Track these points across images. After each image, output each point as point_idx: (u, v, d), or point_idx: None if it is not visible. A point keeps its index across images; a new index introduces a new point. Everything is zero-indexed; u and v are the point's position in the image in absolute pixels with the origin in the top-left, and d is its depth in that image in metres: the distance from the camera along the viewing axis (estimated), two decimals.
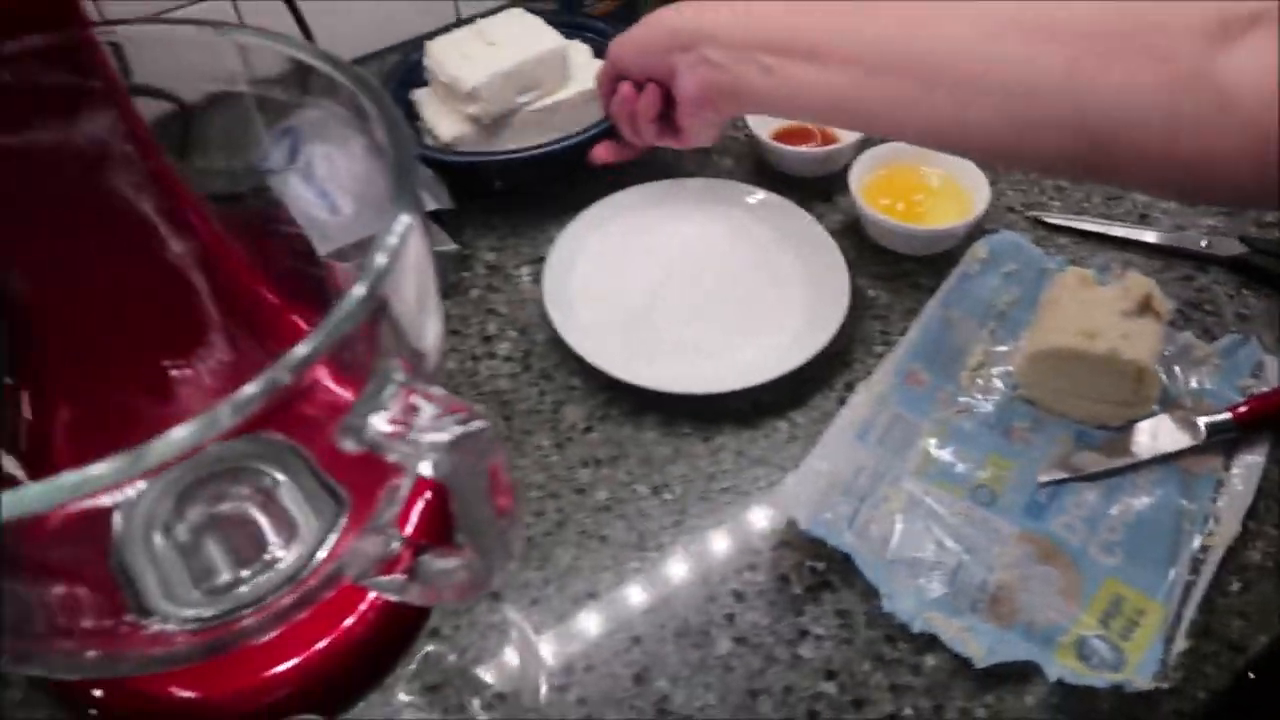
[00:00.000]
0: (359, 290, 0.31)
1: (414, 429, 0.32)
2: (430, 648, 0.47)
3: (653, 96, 0.54)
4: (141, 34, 0.44)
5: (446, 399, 0.32)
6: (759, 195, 0.65)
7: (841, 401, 0.56)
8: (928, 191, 0.64)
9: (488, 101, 0.65)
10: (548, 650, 0.47)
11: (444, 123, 0.67)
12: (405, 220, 0.33)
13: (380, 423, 0.32)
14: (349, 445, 0.32)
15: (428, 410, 0.32)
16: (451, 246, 0.63)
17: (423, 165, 0.69)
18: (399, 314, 0.34)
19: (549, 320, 0.58)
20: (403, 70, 0.72)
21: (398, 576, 0.40)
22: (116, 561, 0.45)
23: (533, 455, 0.54)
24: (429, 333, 0.37)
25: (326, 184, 0.60)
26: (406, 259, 0.33)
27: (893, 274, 0.63)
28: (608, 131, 0.61)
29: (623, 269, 0.63)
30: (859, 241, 0.64)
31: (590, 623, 0.48)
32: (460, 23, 0.76)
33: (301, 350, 0.29)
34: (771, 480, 0.53)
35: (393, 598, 0.44)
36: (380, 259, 0.32)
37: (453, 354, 0.59)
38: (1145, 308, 0.53)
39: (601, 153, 0.60)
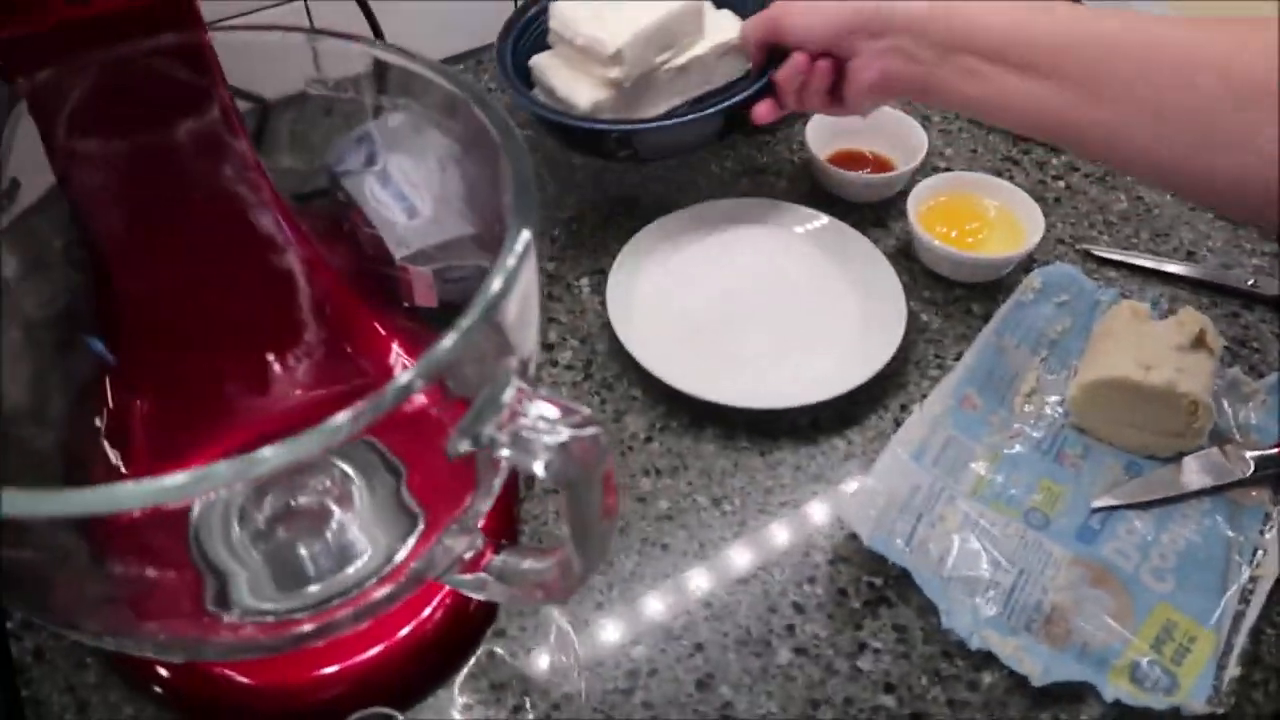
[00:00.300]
0: (479, 307, 0.32)
1: (530, 431, 0.33)
2: (494, 648, 0.48)
3: (827, 71, 0.53)
4: (241, 39, 0.45)
5: (561, 402, 0.34)
6: (821, 220, 0.66)
7: (896, 422, 0.57)
8: (983, 221, 0.66)
9: (630, 64, 0.61)
10: (612, 654, 0.48)
11: (581, 89, 0.63)
12: (525, 237, 0.35)
13: (496, 426, 0.33)
14: (464, 446, 0.34)
15: (544, 413, 0.33)
16: (486, 262, 0.64)
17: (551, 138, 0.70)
18: (509, 324, 0.35)
19: (610, 331, 0.60)
20: (515, 32, 0.69)
21: (482, 575, 0.41)
22: (195, 547, 0.46)
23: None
24: (532, 338, 0.39)
25: (404, 188, 0.61)
26: (522, 275, 0.34)
27: (945, 299, 0.64)
28: (761, 91, 0.61)
29: (684, 284, 0.64)
30: (911, 266, 0.66)
31: (653, 629, 0.49)
32: None
33: (423, 366, 0.30)
34: (829, 496, 0.54)
35: (478, 596, 0.45)
36: (497, 283, 0.33)
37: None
38: (1199, 343, 0.54)
39: (764, 112, 0.60)
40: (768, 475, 0.55)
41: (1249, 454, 0.54)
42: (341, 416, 0.29)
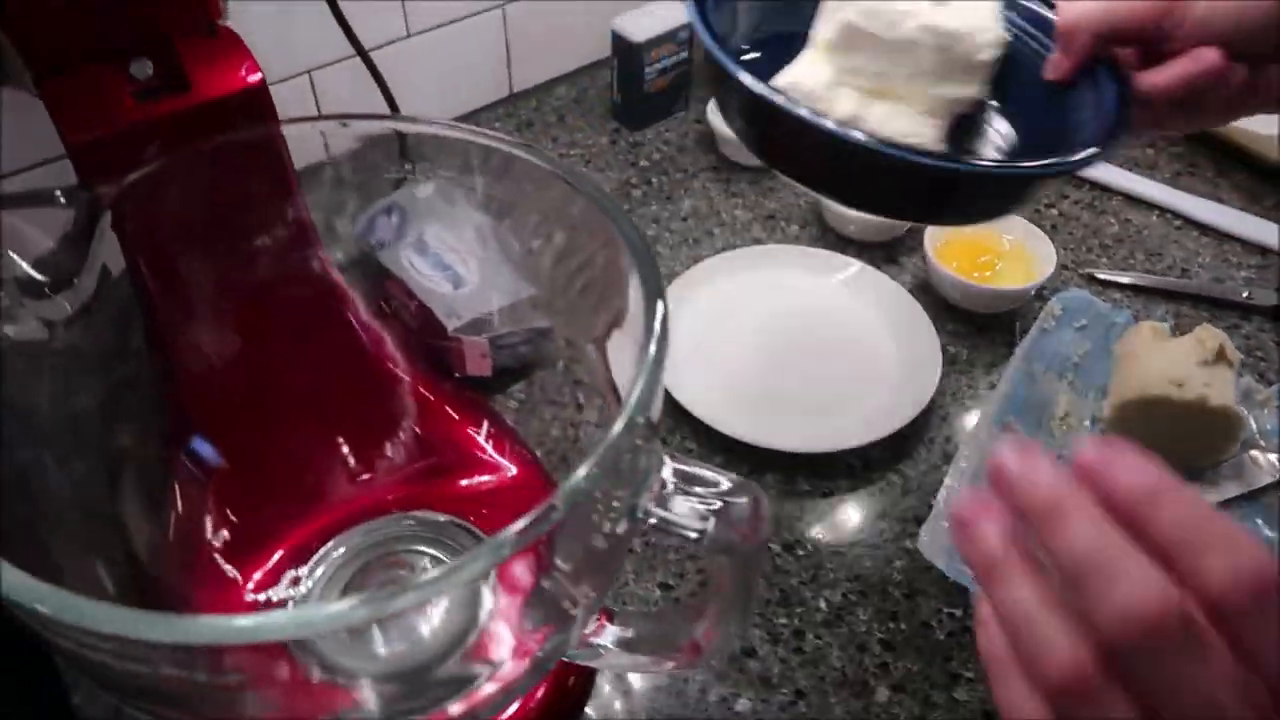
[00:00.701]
0: (636, 403, 0.32)
1: (686, 501, 0.33)
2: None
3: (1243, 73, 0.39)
4: (321, 128, 0.45)
5: (712, 470, 0.34)
6: (848, 262, 0.69)
7: (944, 454, 0.59)
8: (994, 253, 0.69)
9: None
10: (717, 710, 0.48)
11: (900, 119, 0.42)
12: (661, 310, 0.35)
13: (651, 500, 0.34)
14: (622, 526, 0.34)
15: (698, 482, 0.34)
16: (543, 323, 0.64)
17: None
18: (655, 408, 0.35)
19: None
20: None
21: (601, 647, 0.41)
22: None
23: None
24: (659, 403, 0.39)
25: (445, 256, 0.61)
26: (665, 346, 0.35)
27: (967, 331, 0.67)
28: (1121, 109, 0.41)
29: (722, 333, 0.65)
30: (930, 301, 0.68)
31: (752, 681, 0.49)
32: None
33: (593, 465, 0.30)
34: (895, 533, 0.55)
35: (595, 665, 0.44)
36: (643, 383, 0.33)
37: (556, 421, 0.61)
38: (1220, 357, 0.58)
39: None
40: (833, 516, 0.56)
41: (1274, 457, 0.57)
42: (510, 531, 0.29)
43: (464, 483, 0.53)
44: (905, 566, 0.54)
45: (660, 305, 0.36)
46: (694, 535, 0.34)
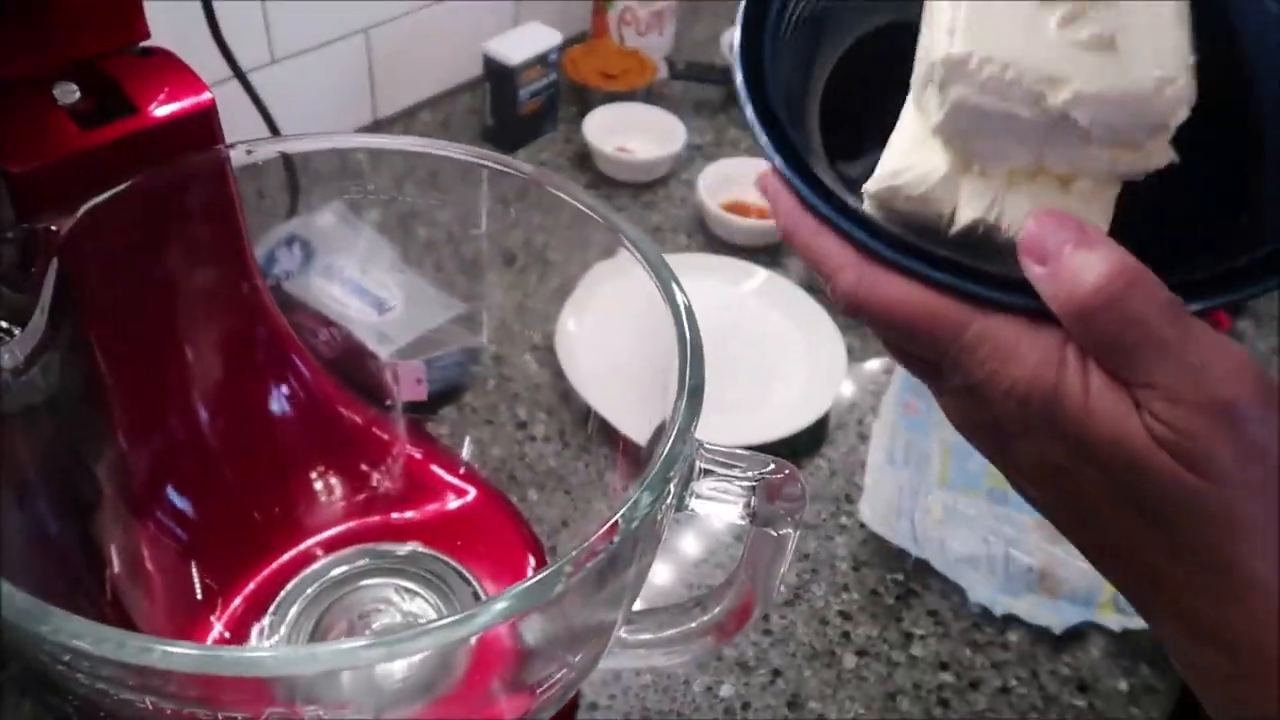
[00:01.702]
0: (686, 408, 0.34)
1: (725, 483, 0.35)
2: None
3: None
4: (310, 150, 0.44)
5: (743, 454, 0.36)
6: (758, 272, 0.72)
7: (860, 436, 0.64)
8: None
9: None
10: (703, 698, 0.50)
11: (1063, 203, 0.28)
12: (684, 300, 0.37)
13: (692, 491, 0.35)
14: (666, 525, 0.35)
15: (733, 466, 0.35)
16: (481, 340, 0.64)
17: None
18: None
19: (572, 399, 0.61)
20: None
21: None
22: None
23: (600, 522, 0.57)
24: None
25: (362, 282, 0.59)
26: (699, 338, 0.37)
27: (857, 323, 0.72)
28: None
29: (631, 340, 0.67)
30: (821, 298, 0.73)
31: (730, 666, 0.51)
32: None
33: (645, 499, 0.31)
34: (830, 512, 0.59)
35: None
36: (693, 375, 0.35)
37: (498, 441, 0.61)
38: None
39: None
40: None
41: None
42: (568, 561, 0.29)
43: (420, 511, 0.52)
44: (846, 541, 0.58)
45: (681, 297, 0.37)
46: (738, 519, 0.35)
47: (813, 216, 0.28)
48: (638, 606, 0.41)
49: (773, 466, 0.35)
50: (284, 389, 0.48)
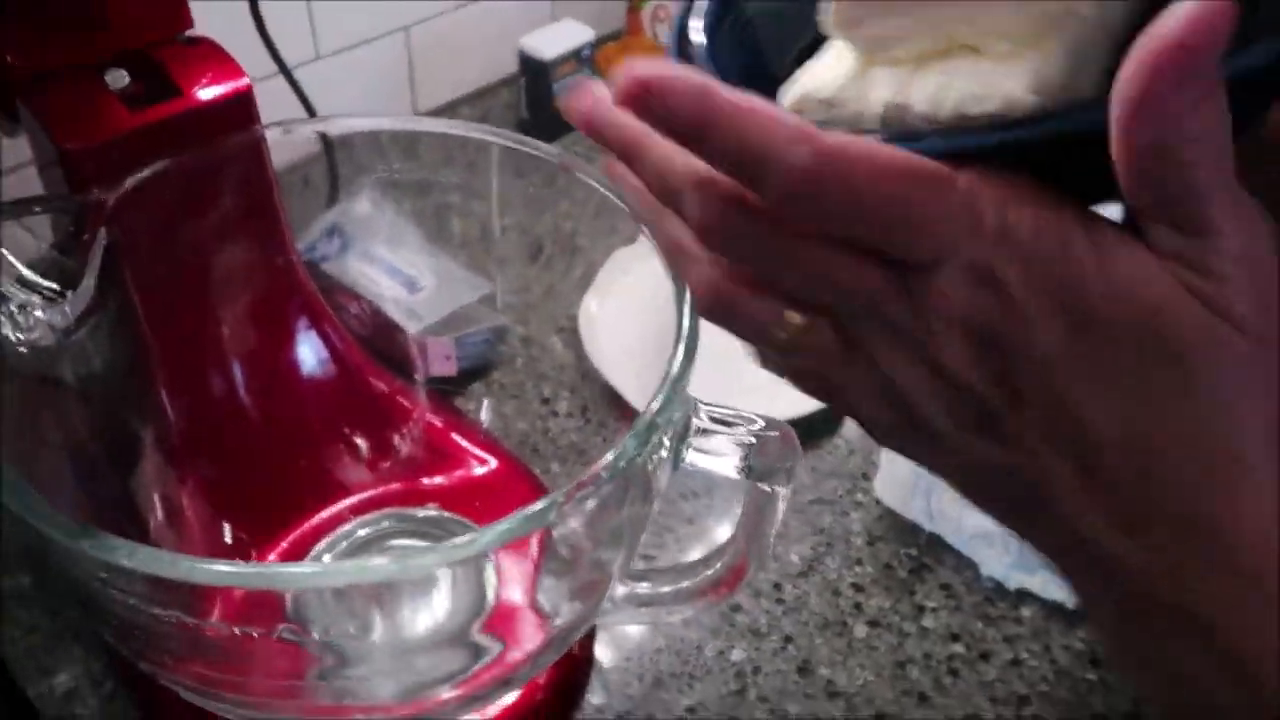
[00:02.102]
0: (681, 361, 0.36)
1: (721, 440, 0.37)
2: (605, 682, 0.50)
3: None
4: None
5: (738, 413, 0.38)
6: None
7: None
8: None
9: None
10: (715, 662, 0.51)
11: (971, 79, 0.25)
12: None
13: (689, 446, 0.37)
14: (662, 479, 0.37)
15: (728, 423, 0.37)
16: (503, 321, 0.66)
17: None
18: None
19: (595, 378, 0.63)
20: None
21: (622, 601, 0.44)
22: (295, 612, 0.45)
23: None
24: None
25: (396, 263, 0.62)
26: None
27: None
28: None
29: (648, 323, 0.69)
30: None
31: (742, 631, 0.53)
32: None
33: (635, 436, 0.33)
34: (846, 489, 0.60)
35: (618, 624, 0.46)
36: (690, 334, 0.37)
37: (523, 416, 0.63)
38: None
39: None
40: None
41: None
42: (557, 497, 0.31)
43: (444, 477, 0.55)
44: (861, 517, 0.59)
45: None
46: (733, 473, 0.37)
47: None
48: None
49: (766, 424, 0.37)
50: (315, 357, 0.51)
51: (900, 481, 0.59)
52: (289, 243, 0.48)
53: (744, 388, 0.63)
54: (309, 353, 0.51)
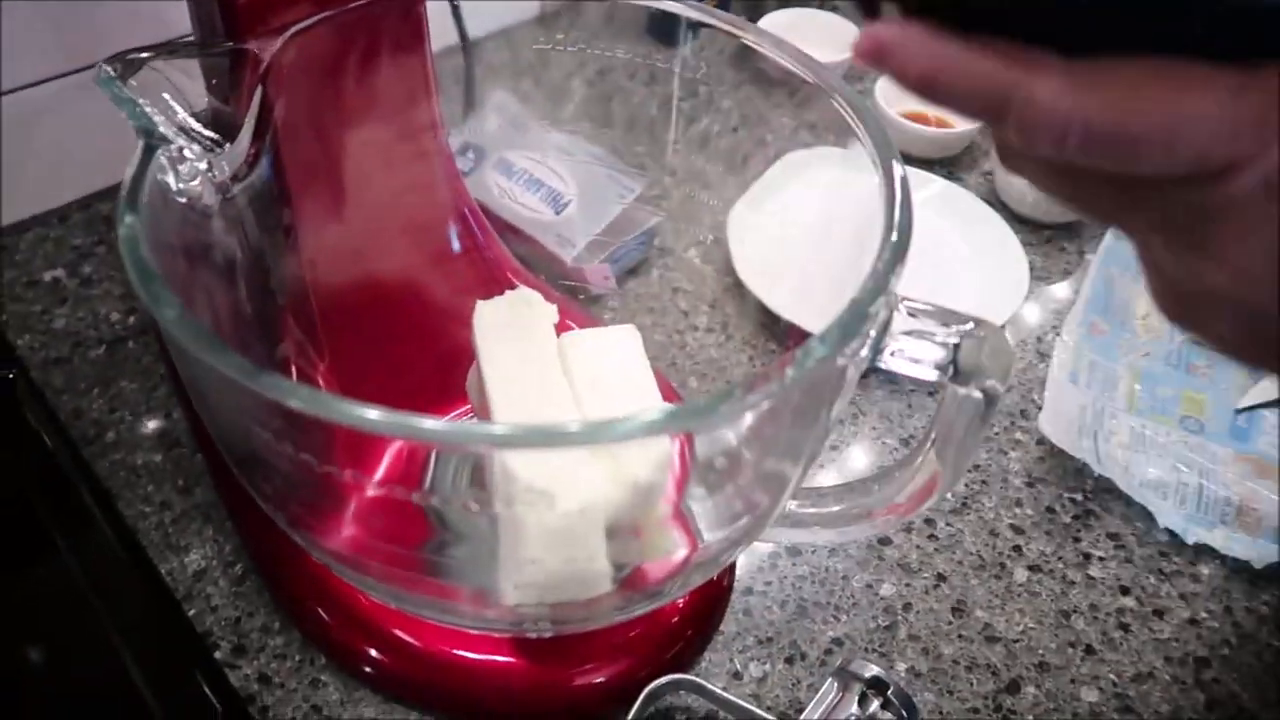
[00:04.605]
0: (892, 251, 0.32)
1: (922, 339, 0.33)
2: (747, 605, 0.47)
3: None
4: None
5: (945, 310, 0.34)
6: (935, 183, 0.69)
7: (1040, 354, 0.60)
8: None
9: None
10: (863, 595, 0.48)
11: None
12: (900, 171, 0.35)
13: (889, 342, 0.33)
14: (853, 375, 0.33)
15: (931, 321, 0.33)
16: (659, 216, 0.62)
17: None
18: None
19: (736, 293, 0.60)
20: None
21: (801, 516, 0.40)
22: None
23: None
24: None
25: (536, 172, 0.59)
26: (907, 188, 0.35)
27: (1038, 240, 0.68)
28: None
29: (806, 239, 0.65)
30: (1002, 210, 0.69)
31: (892, 567, 0.49)
32: None
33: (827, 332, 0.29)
34: (1004, 426, 0.56)
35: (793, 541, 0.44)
36: (902, 221, 0.33)
37: (659, 328, 0.60)
38: None
39: None
40: None
41: None
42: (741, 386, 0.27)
43: None
44: (1020, 457, 0.54)
45: (899, 168, 0.35)
46: (934, 375, 0.33)
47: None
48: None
49: (975, 324, 0.33)
50: (459, 244, 0.48)
51: (1068, 418, 0.54)
52: (437, 117, 0.45)
53: None
54: (452, 239, 0.48)
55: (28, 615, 0.48)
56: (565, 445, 0.30)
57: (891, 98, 0.73)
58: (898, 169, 0.35)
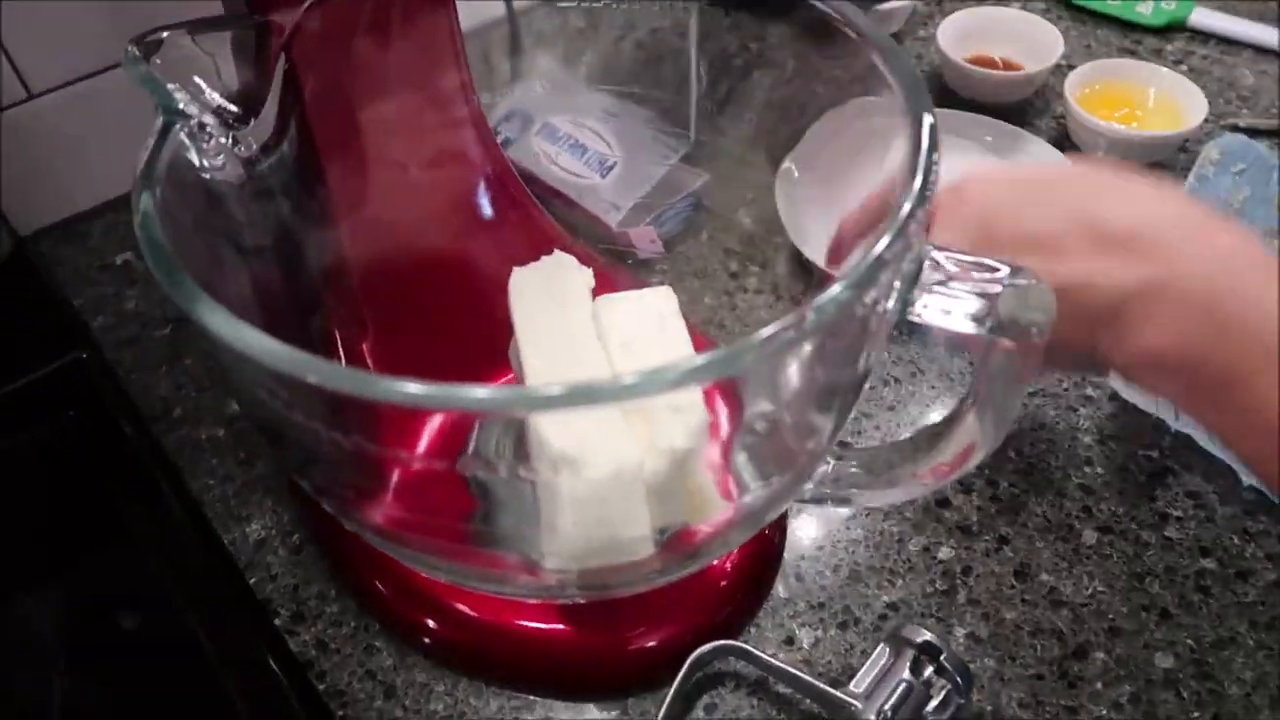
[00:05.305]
0: (917, 192, 0.31)
1: (960, 290, 0.31)
2: (798, 569, 0.46)
3: None
4: None
5: (976, 260, 0.32)
6: (1003, 130, 0.65)
7: None
8: (1136, 106, 0.66)
9: None
10: (919, 558, 0.46)
11: None
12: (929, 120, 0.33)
13: (923, 292, 0.31)
14: (883, 330, 0.32)
15: (966, 268, 0.31)
16: (703, 181, 0.61)
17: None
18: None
19: (786, 253, 0.58)
20: None
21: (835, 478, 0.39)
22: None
23: None
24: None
25: (580, 136, 0.58)
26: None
27: None
28: None
29: (847, 193, 0.62)
30: (1072, 155, 0.65)
31: (950, 529, 0.47)
32: None
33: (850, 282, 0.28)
34: (1074, 380, 0.53)
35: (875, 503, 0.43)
36: (918, 181, 0.31)
37: (709, 290, 0.59)
38: None
39: None
40: None
41: None
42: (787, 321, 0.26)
43: None
44: (1091, 414, 0.52)
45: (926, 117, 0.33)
46: (970, 328, 0.31)
47: None
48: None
49: (1010, 270, 0.31)
50: (498, 211, 0.48)
51: None
52: (468, 83, 0.45)
53: None
54: (490, 205, 0.48)
55: (107, 587, 0.50)
56: (587, 403, 0.29)
57: (954, 43, 0.70)
58: (926, 117, 0.33)
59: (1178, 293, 0.34)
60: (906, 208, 0.31)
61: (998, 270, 0.31)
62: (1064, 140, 0.66)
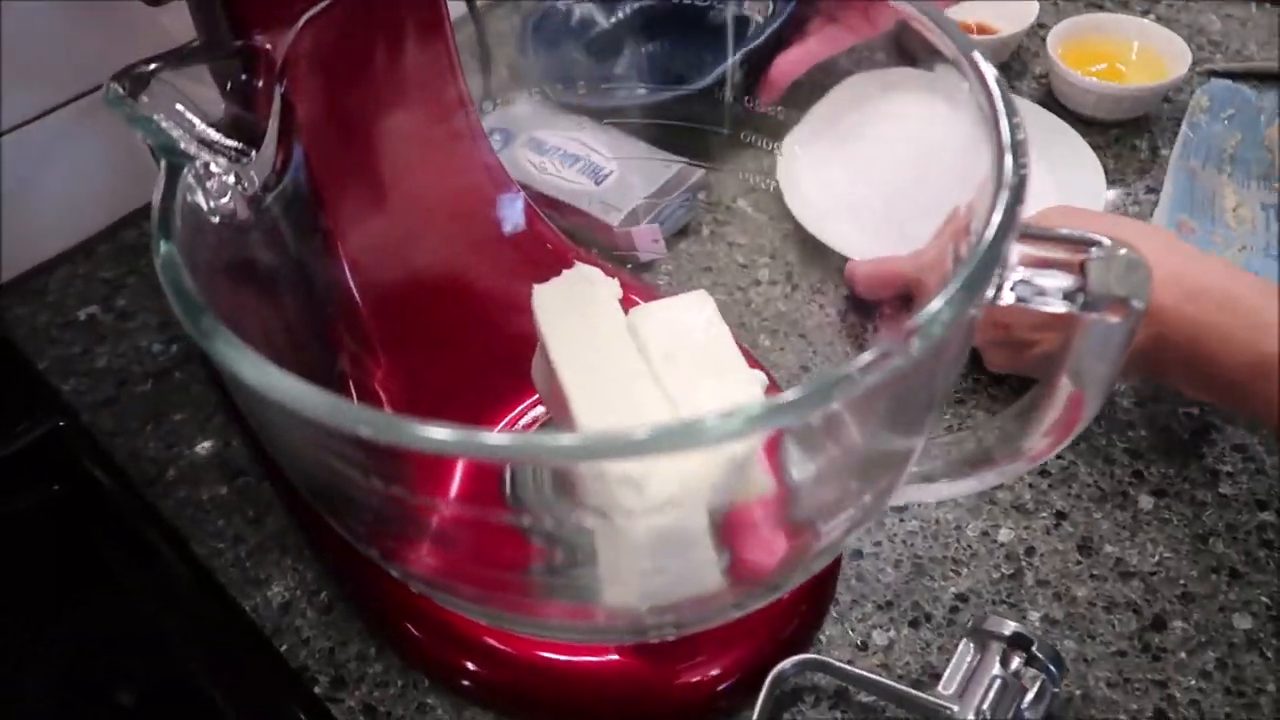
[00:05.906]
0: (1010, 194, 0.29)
1: (1048, 268, 0.30)
2: (859, 569, 0.45)
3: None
4: None
5: (1060, 233, 0.30)
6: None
7: None
8: (1119, 60, 0.65)
9: None
10: (980, 543, 0.45)
11: None
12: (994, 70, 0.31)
13: (1011, 274, 0.30)
14: (972, 310, 0.30)
15: (1053, 246, 0.30)
16: (700, 174, 0.59)
17: None
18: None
19: (795, 239, 0.56)
20: None
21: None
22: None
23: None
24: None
25: (569, 149, 0.55)
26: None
27: (1106, 141, 0.63)
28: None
29: (859, 170, 0.61)
30: (1065, 114, 0.64)
31: (1005, 509, 0.46)
32: None
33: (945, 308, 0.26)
34: None
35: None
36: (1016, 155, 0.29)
37: (719, 287, 0.56)
38: None
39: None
40: None
41: None
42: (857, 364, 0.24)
43: None
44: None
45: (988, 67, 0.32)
46: (1061, 306, 0.30)
47: None
48: None
49: (1099, 245, 0.29)
50: (507, 230, 0.45)
51: None
52: (466, 96, 0.42)
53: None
54: (498, 222, 0.45)
55: (112, 663, 0.46)
56: (650, 453, 0.26)
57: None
58: (995, 87, 0.31)
59: None
60: (1007, 193, 0.29)
61: (1085, 243, 0.30)
62: (1048, 99, 0.65)
